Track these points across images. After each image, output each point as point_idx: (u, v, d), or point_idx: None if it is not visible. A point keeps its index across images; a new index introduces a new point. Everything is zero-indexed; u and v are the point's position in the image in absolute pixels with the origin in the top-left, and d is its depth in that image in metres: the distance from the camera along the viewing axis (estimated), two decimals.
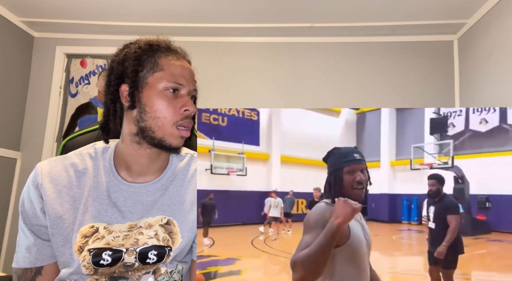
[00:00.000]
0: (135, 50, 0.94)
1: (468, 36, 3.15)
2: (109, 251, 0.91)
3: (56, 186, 0.93)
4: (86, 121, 2.54)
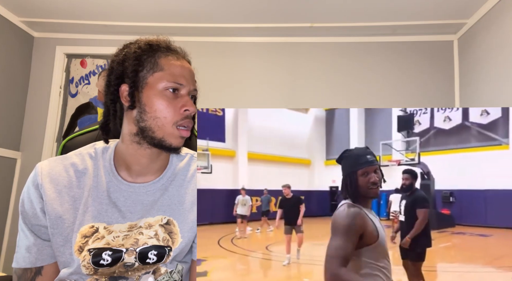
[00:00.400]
0: (135, 50, 0.94)
1: (468, 36, 3.15)
2: (109, 251, 0.91)
3: (56, 186, 0.93)
4: (86, 121, 2.54)
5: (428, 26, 3.21)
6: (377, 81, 3.38)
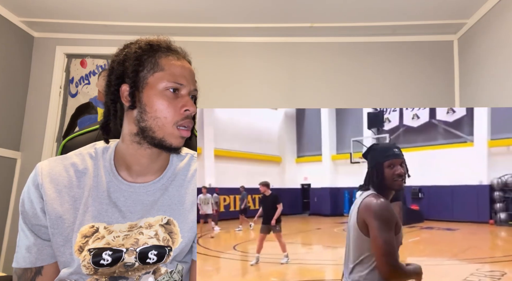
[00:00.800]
0: (136, 50, 0.94)
1: (468, 36, 3.15)
2: (109, 251, 0.91)
3: (56, 185, 0.93)
4: (86, 121, 2.55)
5: (428, 26, 3.21)
6: (377, 81, 3.38)
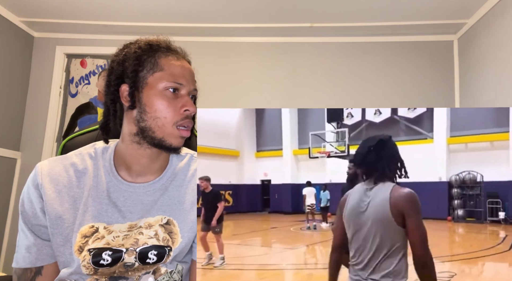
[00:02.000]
0: (135, 50, 0.94)
1: (468, 36, 3.15)
2: (109, 251, 0.91)
3: (56, 185, 0.93)
4: (86, 121, 2.55)
5: (428, 26, 3.21)
6: (377, 81, 3.38)
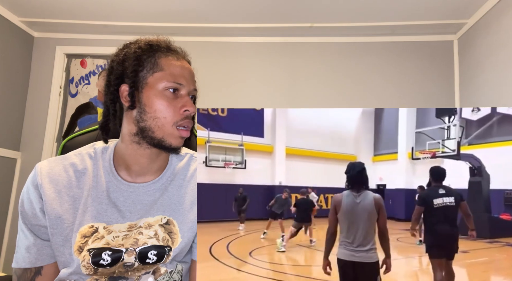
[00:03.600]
0: (135, 50, 0.94)
1: (468, 36, 3.15)
2: (109, 251, 0.91)
3: (56, 186, 0.93)
4: (86, 121, 2.54)
5: (428, 26, 3.21)
6: (377, 81, 3.38)
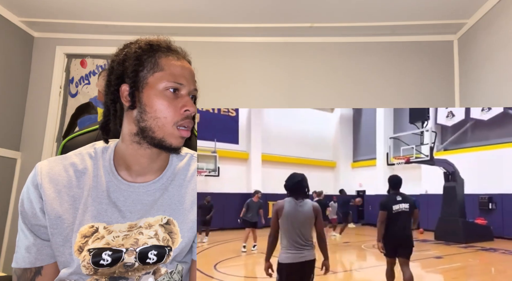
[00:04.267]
0: (136, 50, 0.94)
1: (468, 36, 3.15)
2: (109, 251, 0.91)
3: (56, 185, 0.93)
4: (86, 121, 2.55)
5: (428, 26, 3.21)
6: (377, 81, 3.38)
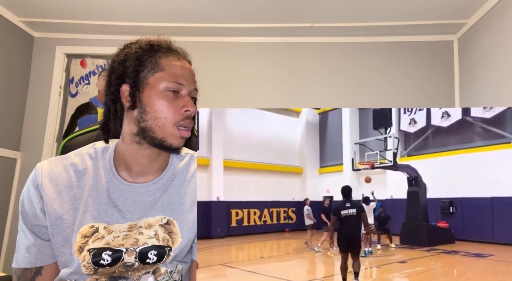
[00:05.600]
0: (136, 50, 0.94)
1: (468, 36, 3.15)
2: (109, 251, 0.91)
3: (56, 186, 0.93)
4: (86, 121, 2.55)
5: (428, 26, 3.21)
6: (377, 81, 3.38)
